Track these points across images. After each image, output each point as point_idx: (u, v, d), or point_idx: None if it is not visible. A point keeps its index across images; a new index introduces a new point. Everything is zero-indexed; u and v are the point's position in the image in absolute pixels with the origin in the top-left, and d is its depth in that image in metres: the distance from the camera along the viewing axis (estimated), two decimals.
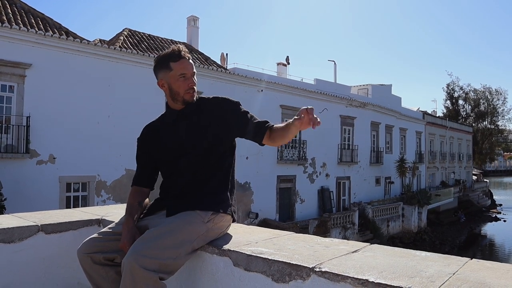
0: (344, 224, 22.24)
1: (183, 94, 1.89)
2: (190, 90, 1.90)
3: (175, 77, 1.87)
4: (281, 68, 26.99)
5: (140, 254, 1.56)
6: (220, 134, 1.90)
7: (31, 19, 14.21)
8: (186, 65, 1.88)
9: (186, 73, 1.87)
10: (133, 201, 1.97)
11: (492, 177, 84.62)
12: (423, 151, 37.40)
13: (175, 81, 1.88)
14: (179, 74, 1.86)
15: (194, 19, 23.59)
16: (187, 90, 1.89)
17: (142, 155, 2.05)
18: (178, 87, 1.88)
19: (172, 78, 1.88)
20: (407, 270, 1.37)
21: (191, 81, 1.89)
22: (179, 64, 1.87)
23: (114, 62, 15.00)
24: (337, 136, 25.34)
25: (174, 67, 1.86)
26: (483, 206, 45.83)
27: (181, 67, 1.87)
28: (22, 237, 2.13)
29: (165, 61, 1.88)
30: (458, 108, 56.66)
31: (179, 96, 1.89)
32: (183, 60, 1.87)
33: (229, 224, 1.95)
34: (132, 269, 1.54)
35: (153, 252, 1.58)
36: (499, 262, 1.50)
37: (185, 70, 1.87)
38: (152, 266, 1.56)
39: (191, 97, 1.91)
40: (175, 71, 1.86)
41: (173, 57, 1.87)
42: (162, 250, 1.60)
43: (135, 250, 1.59)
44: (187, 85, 1.88)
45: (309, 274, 1.42)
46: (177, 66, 1.86)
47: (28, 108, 12.86)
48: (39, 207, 3.77)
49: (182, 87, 1.88)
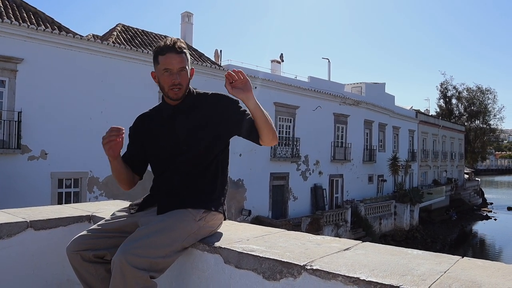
0: (337, 222, 22.31)
1: (167, 90, 1.83)
2: (173, 87, 1.81)
3: (160, 71, 1.81)
4: (275, 66, 26.97)
5: (130, 252, 1.54)
6: (218, 133, 1.86)
7: (23, 13, 14.06)
8: (171, 59, 1.79)
9: (170, 68, 1.79)
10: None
11: (484, 176, 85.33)
12: (416, 150, 37.62)
13: (161, 75, 1.82)
14: (163, 69, 1.80)
15: (188, 15, 23.49)
16: (170, 86, 1.81)
17: (131, 143, 2.00)
18: (163, 82, 1.82)
19: (158, 72, 1.83)
20: (399, 268, 1.36)
21: (175, 77, 1.80)
22: (164, 58, 1.80)
23: (107, 57, 14.90)
24: (331, 134, 25.41)
25: (160, 61, 1.81)
26: (474, 204, 46.26)
27: (165, 62, 1.79)
28: (10, 233, 2.11)
29: (155, 53, 1.84)
30: (451, 107, 57.02)
31: (164, 91, 1.84)
32: (168, 54, 1.79)
33: (220, 222, 1.93)
34: (122, 267, 1.52)
35: (143, 250, 1.56)
36: (489, 260, 1.50)
37: (169, 65, 1.79)
38: (142, 265, 1.54)
39: (174, 94, 1.83)
40: (161, 65, 1.80)
41: (161, 50, 1.81)
42: (152, 248, 1.58)
43: (126, 248, 1.56)
44: (170, 81, 1.80)
45: (300, 272, 1.41)
46: (163, 60, 1.80)
47: (19, 103, 12.74)
48: (30, 203, 3.73)
49: (166, 83, 1.81)
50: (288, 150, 22.13)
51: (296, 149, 22.48)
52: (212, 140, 1.86)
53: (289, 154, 22.14)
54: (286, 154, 21.96)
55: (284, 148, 21.91)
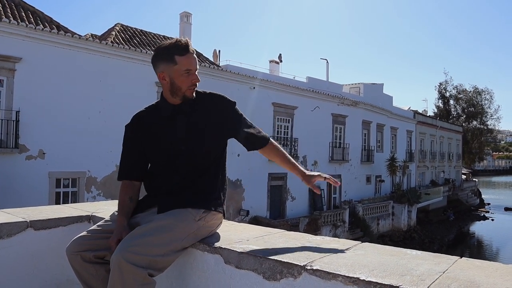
0: (335, 222, 22.33)
1: (185, 90, 1.80)
2: (193, 86, 1.82)
3: (180, 71, 1.77)
4: (273, 66, 26.97)
5: (128, 250, 1.54)
6: (217, 133, 1.87)
7: (21, 13, 14.03)
8: (192, 60, 1.79)
9: (191, 68, 1.79)
10: (124, 197, 1.90)
11: (481, 177, 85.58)
12: (414, 150, 37.68)
13: (178, 76, 1.78)
14: (184, 70, 1.77)
15: (187, 15, 23.48)
16: (189, 87, 1.81)
17: (132, 145, 1.94)
18: (181, 83, 1.79)
19: (176, 72, 1.78)
20: (398, 269, 1.37)
21: (195, 77, 1.81)
22: (185, 58, 1.77)
23: (105, 57, 14.87)
24: (329, 134, 25.43)
25: (179, 61, 1.76)
26: (471, 205, 46.37)
27: (187, 62, 1.78)
28: (10, 233, 2.11)
29: (170, 53, 1.78)
30: (449, 108, 57.13)
31: (181, 91, 1.81)
32: (189, 55, 1.78)
33: (220, 222, 1.93)
34: (120, 264, 1.52)
35: (141, 248, 1.56)
36: (487, 260, 1.51)
37: (191, 66, 1.78)
38: (140, 262, 1.54)
39: (191, 93, 1.83)
40: (180, 65, 1.77)
41: (179, 50, 1.77)
42: (150, 246, 1.58)
43: (123, 246, 1.57)
44: (190, 81, 1.80)
45: (301, 272, 1.42)
46: (183, 61, 1.77)
47: (17, 103, 12.71)
48: (28, 203, 3.72)
49: (185, 83, 1.79)
50: (286, 150, 21.97)
51: (294, 149, 22.49)
52: (211, 140, 1.86)
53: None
54: None
55: (282, 149, 21.87)
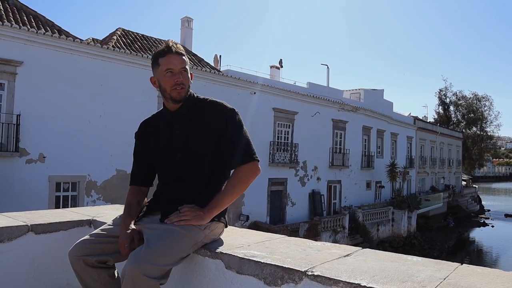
0: (335, 228, 22.30)
1: (169, 90, 1.81)
2: (176, 86, 1.80)
3: (162, 72, 1.81)
4: (274, 71, 27.05)
5: (143, 261, 1.54)
6: (215, 142, 1.82)
7: (23, 17, 14.09)
8: (173, 59, 1.80)
9: (172, 68, 1.79)
10: (132, 200, 1.93)
11: (481, 183, 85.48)
12: (414, 156, 37.66)
13: (162, 77, 1.81)
14: (165, 70, 1.80)
15: (188, 20, 23.58)
16: (173, 86, 1.80)
17: (139, 152, 2.01)
18: (165, 83, 1.81)
19: (160, 74, 1.82)
20: (399, 275, 1.37)
21: (178, 76, 1.80)
22: (166, 59, 1.80)
23: (106, 61, 14.91)
24: (329, 140, 25.43)
25: (161, 62, 1.81)
26: (471, 211, 46.27)
27: (167, 62, 1.80)
28: (11, 237, 2.11)
29: (155, 57, 1.84)
30: (449, 114, 57.17)
31: (166, 92, 1.82)
32: (170, 55, 1.80)
33: (222, 230, 1.94)
34: (134, 276, 1.51)
35: (155, 259, 1.56)
36: (487, 267, 1.51)
37: (171, 65, 1.79)
38: (153, 274, 1.54)
39: (177, 94, 1.81)
40: (162, 66, 1.81)
41: (161, 52, 1.82)
42: (163, 257, 1.58)
43: (138, 258, 1.55)
44: (173, 81, 1.80)
45: (302, 277, 1.42)
46: (164, 61, 1.80)
47: (18, 106, 12.72)
48: (28, 207, 3.73)
49: (168, 83, 1.80)
50: (287, 155, 22.13)
51: (294, 154, 22.48)
52: (208, 148, 1.82)
53: (288, 160, 22.14)
54: (284, 159, 21.96)
55: (282, 154, 21.90)
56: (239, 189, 1.80)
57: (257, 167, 1.82)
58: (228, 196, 1.79)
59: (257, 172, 1.82)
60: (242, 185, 1.80)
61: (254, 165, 1.81)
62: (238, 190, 1.80)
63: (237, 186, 1.79)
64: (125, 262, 1.59)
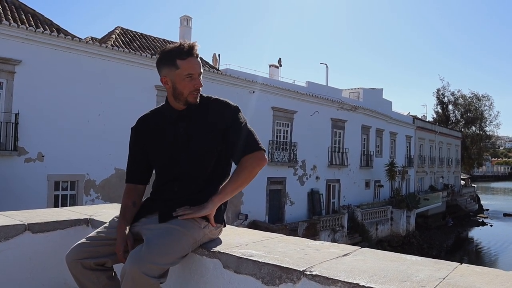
0: (333, 227, 22.31)
1: (187, 95, 1.76)
2: (195, 91, 1.77)
3: (181, 76, 1.74)
4: (273, 70, 27.04)
5: (143, 260, 1.52)
6: (220, 142, 1.81)
7: (21, 15, 14.05)
8: (194, 64, 1.75)
9: (193, 73, 1.74)
10: (127, 201, 1.88)
11: (480, 182, 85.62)
12: (413, 156, 37.69)
13: (180, 81, 1.75)
14: (185, 74, 1.73)
15: (187, 19, 23.54)
16: (191, 92, 1.76)
17: (137, 149, 1.93)
18: (183, 87, 1.75)
19: (177, 77, 1.74)
20: (398, 275, 1.37)
21: (198, 81, 1.77)
22: (186, 62, 1.73)
23: (105, 60, 14.88)
24: (328, 139, 25.43)
25: (181, 66, 1.73)
26: (470, 210, 46.37)
27: (189, 66, 1.73)
28: (8, 236, 2.10)
29: (172, 57, 1.74)
30: (448, 113, 57.21)
31: (183, 96, 1.77)
32: (191, 59, 1.74)
33: (221, 229, 1.92)
34: (134, 276, 1.50)
35: (155, 258, 1.55)
36: (485, 266, 1.50)
37: (192, 70, 1.74)
38: (153, 273, 1.53)
39: (194, 98, 1.79)
40: (182, 70, 1.73)
41: (181, 54, 1.73)
42: (163, 256, 1.57)
43: (138, 257, 1.54)
44: (192, 86, 1.76)
45: (300, 277, 1.41)
46: (185, 65, 1.73)
47: (17, 105, 12.70)
48: (26, 205, 3.72)
49: (187, 88, 1.75)
50: (286, 154, 22.13)
51: (293, 154, 22.48)
52: (213, 148, 1.81)
53: (287, 159, 22.14)
54: (283, 158, 21.96)
55: (281, 153, 21.90)
56: (244, 178, 1.75)
57: (263, 156, 1.79)
58: (232, 184, 1.75)
59: (263, 161, 1.78)
60: (247, 174, 1.75)
61: (260, 153, 1.78)
62: (244, 179, 1.75)
63: (241, 174, 1.74)
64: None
